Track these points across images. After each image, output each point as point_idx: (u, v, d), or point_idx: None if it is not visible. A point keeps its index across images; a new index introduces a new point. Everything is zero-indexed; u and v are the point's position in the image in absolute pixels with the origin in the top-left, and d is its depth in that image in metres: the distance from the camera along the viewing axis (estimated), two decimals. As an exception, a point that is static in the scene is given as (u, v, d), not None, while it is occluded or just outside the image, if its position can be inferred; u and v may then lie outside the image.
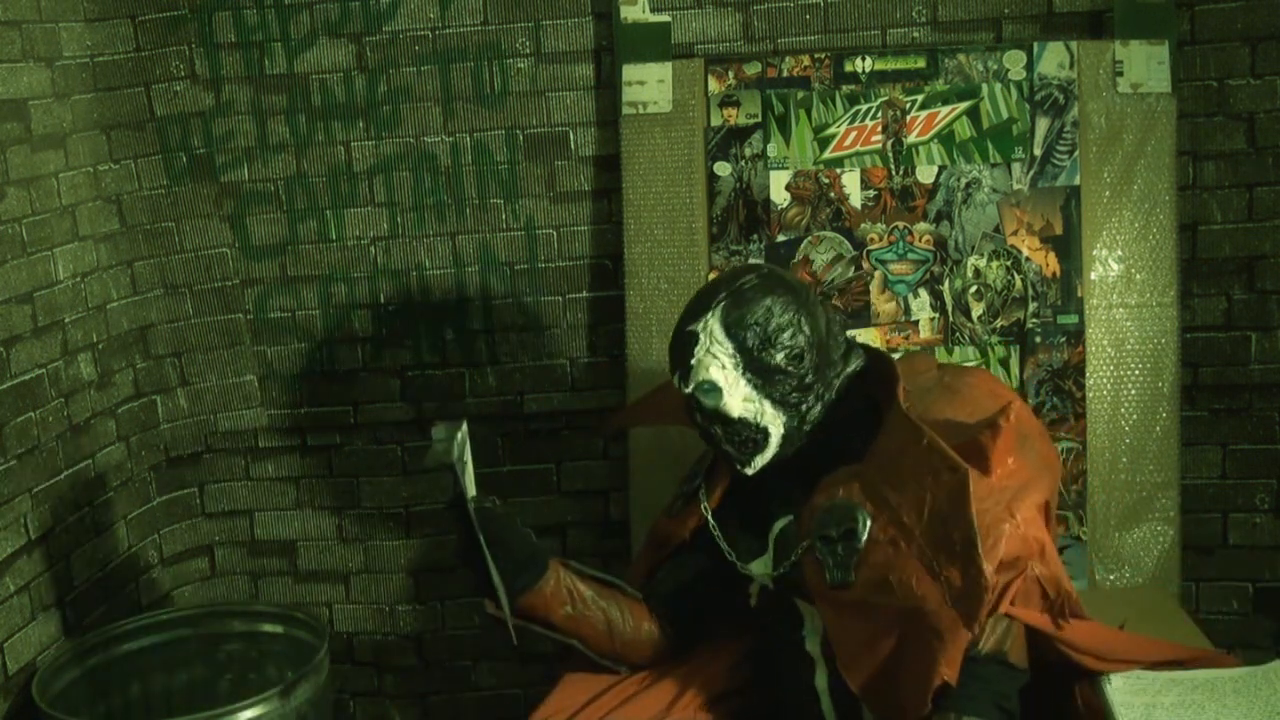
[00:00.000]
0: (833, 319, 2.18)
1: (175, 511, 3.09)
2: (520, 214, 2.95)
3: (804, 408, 2.09)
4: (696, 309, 2.11)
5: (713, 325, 2.08)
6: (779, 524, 2.13)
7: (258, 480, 3.12)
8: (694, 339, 2.08)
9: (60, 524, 2.70)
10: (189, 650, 2.88)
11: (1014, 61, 2.76)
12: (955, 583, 1.84)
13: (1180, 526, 2.74)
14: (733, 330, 2.07)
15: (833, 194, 2.80)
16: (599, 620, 2.20)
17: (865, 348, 2.24)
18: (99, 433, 2.84)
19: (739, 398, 2.07)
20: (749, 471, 2.12)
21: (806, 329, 2.08)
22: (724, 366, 2.07)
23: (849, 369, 2.15)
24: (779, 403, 2.08)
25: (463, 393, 3.04)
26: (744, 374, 2.07)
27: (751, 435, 2.09)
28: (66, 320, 2.73)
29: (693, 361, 2.08)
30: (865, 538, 1.94)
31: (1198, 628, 2.53)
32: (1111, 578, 2.72)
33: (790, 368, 2.07)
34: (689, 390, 2.10)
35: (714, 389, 2.07)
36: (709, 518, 2.23)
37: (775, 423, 2.08)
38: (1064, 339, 2.74)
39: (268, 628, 2.88)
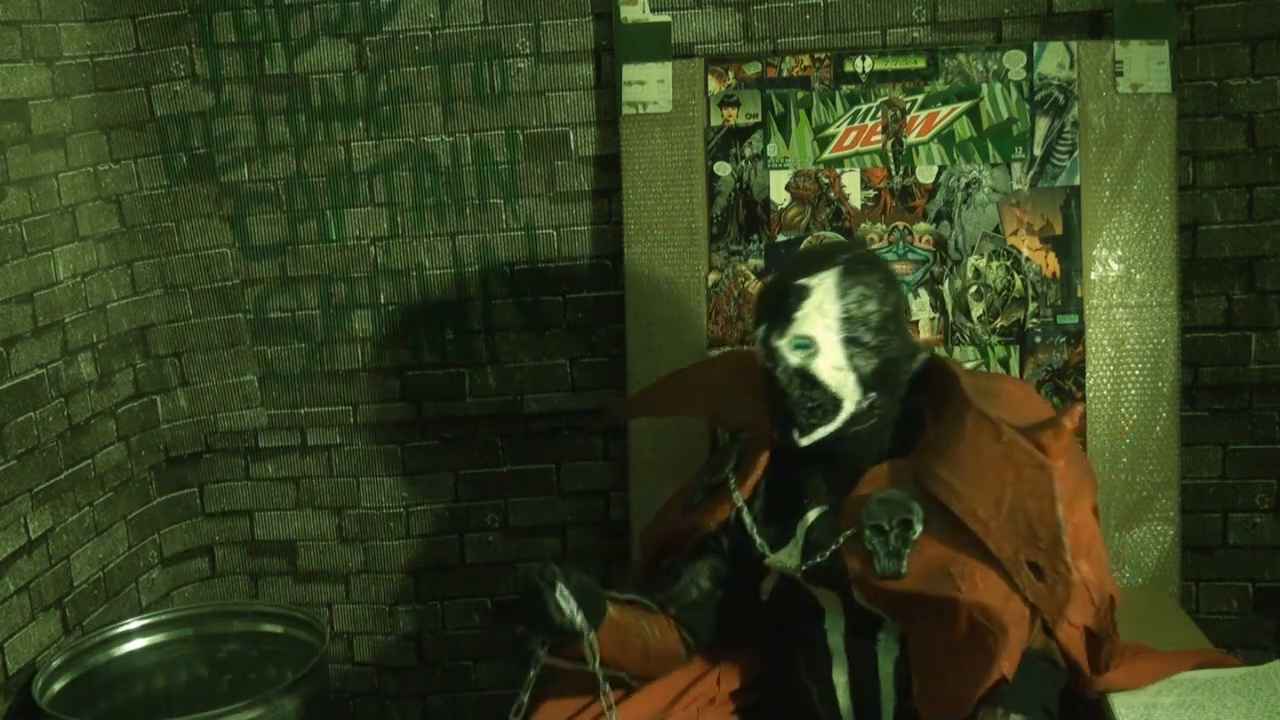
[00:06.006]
0: None
1: (175, 511, 3.09)
2: (520, 214, 2.95)
3: (874, 392, 2.06)
4: (811, 265, 2.07)
5: (829, 283, 2.03)
6: (811, 515, 2.10)
7: (258, 480, 3.11)
8: (805, 292, 2.03)
9: (60, 524, 2.70)
10: (189, 650, 2.88)
11: (1014, 61, 2.75)
12: (1036, 578, 1.85)
13: (1180, 526, 2.73)
14: (847, 294, 2.03)
15: (833, 194, 2.80)
16: (637, 648, 2.09)
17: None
18: (99, 433, 2.84)
19: (829, 363, 2.03)
20: (803, 442, 2.06)
21: (899, 317, 2.09)
22: (828, 328, 2.03)
23: (915, 365, 2.14)
24: (862, 379, 2.05)
25: (463, 393, 3.04)
26: (842, 341, 2.03)
27: (825, 404, 2.05)
28: (66, 320, 2.73)
29: (796, 315, 2.03)
30: (920, 530, 1.94)
31: (1198, 628, 2.53)
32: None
33: (882, 348, 2.05)
34: (782, 342, 2.04)
35: (809, 346, 2.03)
36: (743, 508, 2.16)
37: (851, 398, 2.05)
38: (1064, 339, 2.74)
39: (268, 628, 2.88)
